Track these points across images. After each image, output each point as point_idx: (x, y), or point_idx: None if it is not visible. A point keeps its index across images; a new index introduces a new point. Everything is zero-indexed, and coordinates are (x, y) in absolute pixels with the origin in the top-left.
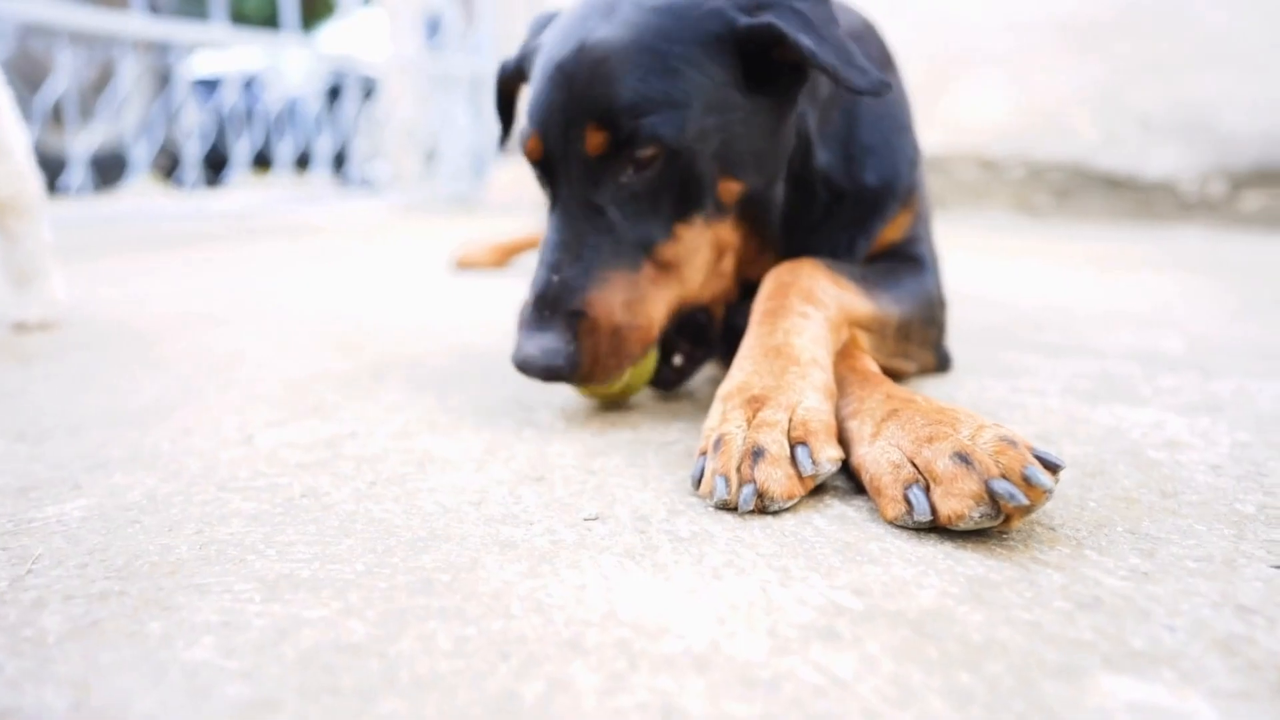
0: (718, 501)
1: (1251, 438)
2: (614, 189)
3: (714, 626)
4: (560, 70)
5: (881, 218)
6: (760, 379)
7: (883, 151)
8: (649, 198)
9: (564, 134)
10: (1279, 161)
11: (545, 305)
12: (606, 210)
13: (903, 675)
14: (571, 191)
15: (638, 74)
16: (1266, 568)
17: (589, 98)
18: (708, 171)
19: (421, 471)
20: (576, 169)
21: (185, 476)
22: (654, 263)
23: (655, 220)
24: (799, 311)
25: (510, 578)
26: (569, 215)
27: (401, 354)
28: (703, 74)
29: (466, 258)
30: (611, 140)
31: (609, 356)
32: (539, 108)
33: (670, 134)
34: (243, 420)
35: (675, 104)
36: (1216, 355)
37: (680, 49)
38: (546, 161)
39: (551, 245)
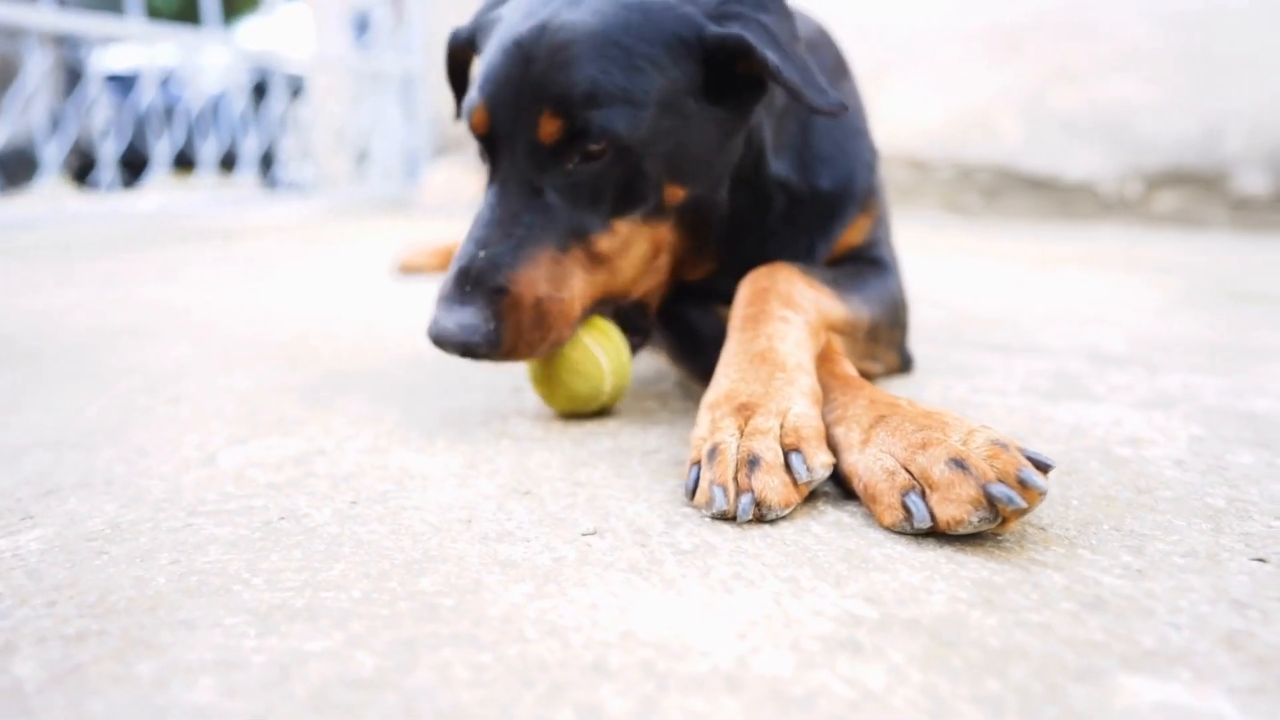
0: (716, 512)
1: (1205, 432)
2: (558, 175)
3: (736, 643)
4: (518, 47)
5: (840, 222)
6: (747, 386)
7: (838, 157)
8: (591, 188)
9: (514, 113)
10: (1189, 164)
11: (468, 280)
12: (546, 193)
13: (932, 685)
14: (513, 170)
15: (599, 65)
16: (1248, 560)
17: (547, 82)
18: (654, 173)
19: (402, 489)
20: (523, 150)
21: (148, 502)
22: (586, 251)
23: (594, 211)
24: (780, 316)
25: (517, 599)
26: (506, 193)
27: (357, 364)
28: (664, 76)
29: (409, 262)
30: (565, 129)
31: (532, 332)
32: (491, 81)
33: (623, 131)
34: (201, 439)
35: (633, 102)
36: (1157, 352)
37: (645, 48)
38: (491, 136)
39: (483, 221)
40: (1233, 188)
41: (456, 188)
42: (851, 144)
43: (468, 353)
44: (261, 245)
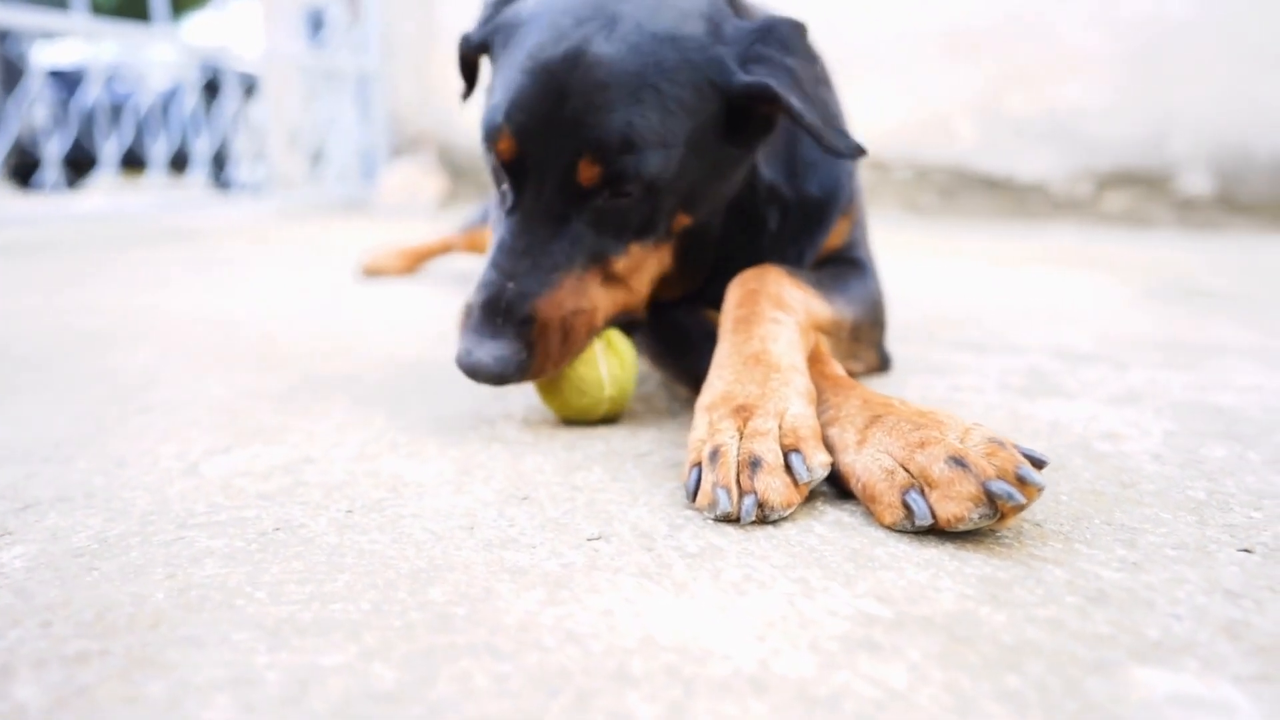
0: (719, 514)
1: (1177, 426)
2: (585, 209)
3: (756, 645)
4: (551, 75)
5: (824, 229)
6: (743, 387)
7: (822, 163)
8: (616, 219)
9: (546, 148)
10: (1136, 165)
11: (498, 312)
12: (573, 224)
13: (953, 682)
14: (540, 201)
15: (636, 109)
16: (1235, 551)
17: (585, 124)
18: (672, 205)
19: (398, 496)
20: (552, 184)
21: (134, 514)
22: (604, 272)
23: (615, 238)
24: (771, 318)
25: (531, 607)
26: (531, 222)
27: (333, 369)
28: (693, 119)
29: (373, 264)
30: (602, 175)
31: (559, 351)
32: (520, 109)
33: (655, 174)
34: (180, 448)
35: (665, 145)
36: (1122, 348)
37: (677, 90)
38: (518, 165)
39: (508, 249)
40: (1177, 188)
41: (414, 189)
42: (831, 164)
43: (500, 380)
44: (218, 247)
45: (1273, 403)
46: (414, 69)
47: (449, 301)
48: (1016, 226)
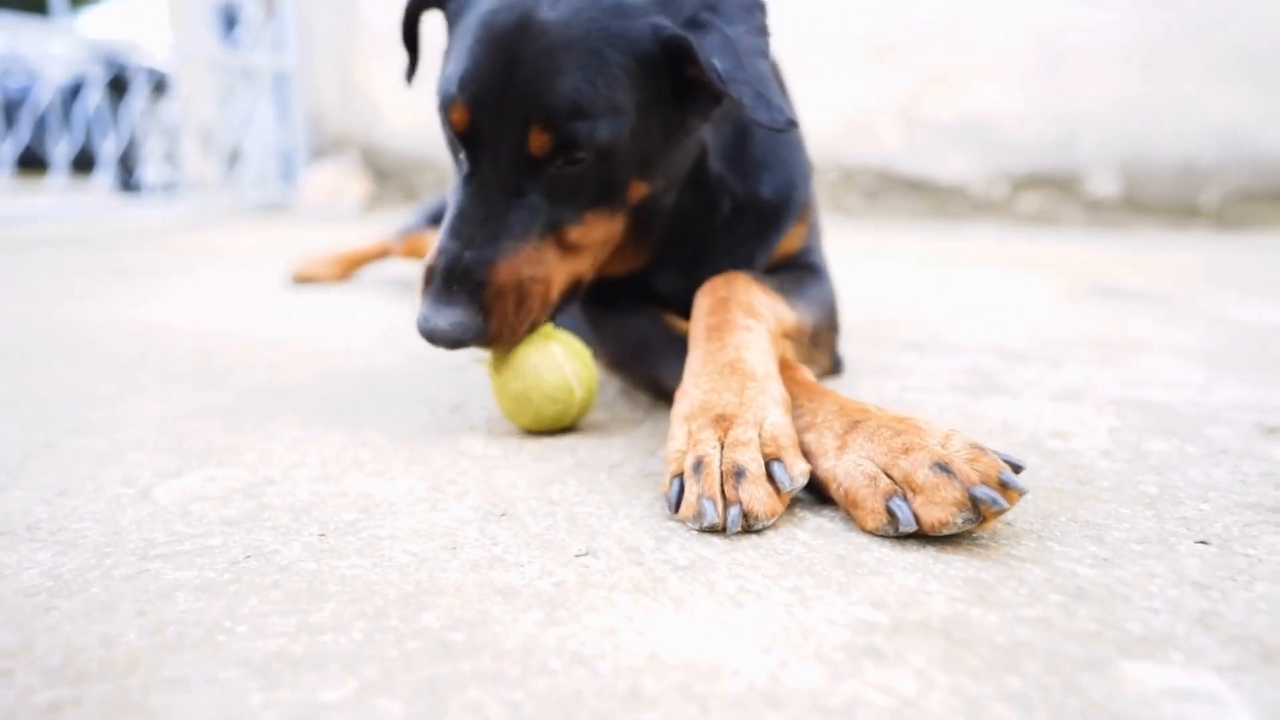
0: (705, 525)
1: (1118, 422)
2: (540, 177)
3: (763, 658)
4: (501, 44)
5: (779, 231)
6: (721, 396)
7: (776, 166)
8: (570, 188)
9: (499, 118)
10: (1047, 168)
11: (454, 278)
12: (528, 193)
13: (959, 687)
14: (494, 170)
15: (584, 75)
16: (1194, 544)
17: (536, 92)
18: (626, 173)
19: (370, 517)
20: (506, 153)
21: (87, 547)
22: (559, 241)
23: (571, 206)
24: (743, 325)
25: (530, 629)
26: (486, 190)
27: (277, 382)
28: (640, 85)
29: (305, 270)
30: (553, 142)
31: (515, 317)
32: (473, 79)
33: (606, 140)
34: (125, 473)
35: (615, 111)
36: (1054, 347)
37: (622, 57)
38: (471, 135)
39: (464, 216)
40: (1086, 190)
41: (337, 192)
42: (789, 154)
43: (457, 345)
44: (130, 254)
45: (1198, 398)
46: (335, 67)
47: (388, 309)
48: (939, 227)
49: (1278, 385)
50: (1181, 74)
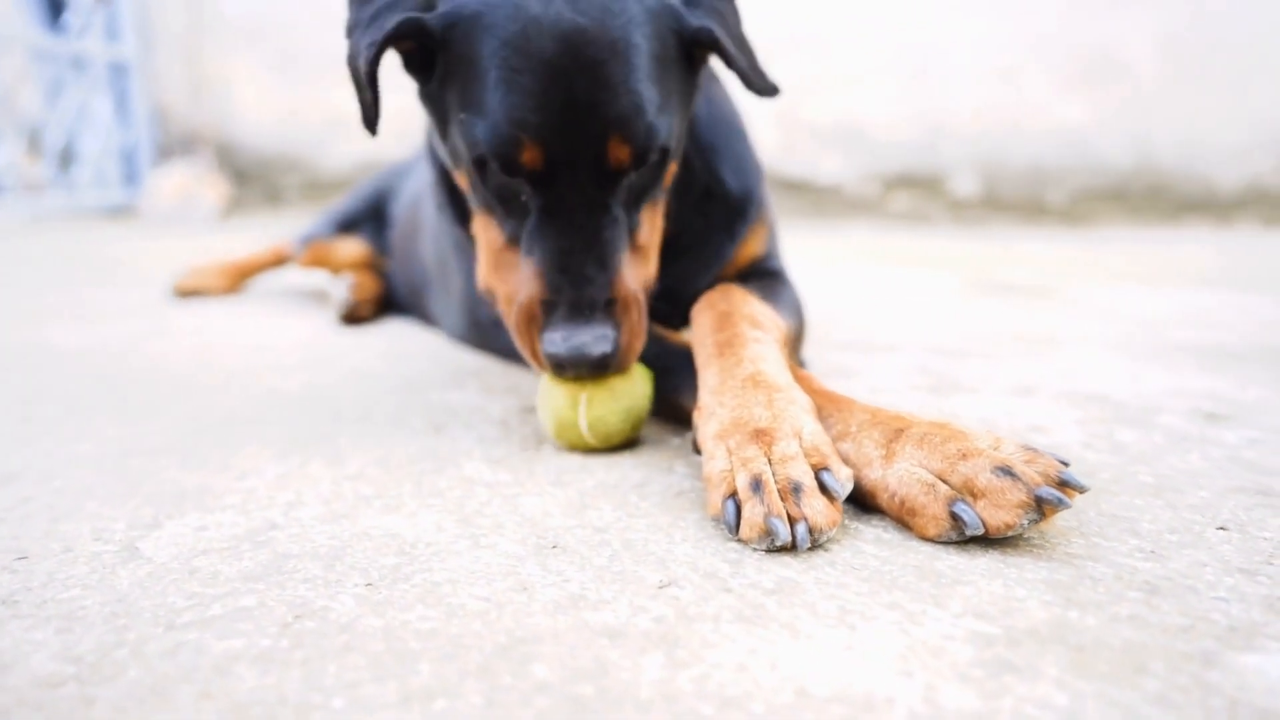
0: (777, 545)
1: (1080, 414)
2: (618, 188)
3: (906, 681)
4: (549, 67)
5: (745, 223)
6: (751, 411)
7: (727, 154)
8: (639, 192)
9: (572, 143)
10: (915, 169)
11: (582, 304)
12: (612, 208)
13: (1104, 693)
14: (578, 195)
15: (638, 76)
16: (1216, 530)
17: (602, 105)
18: (671, 159)
19: (412, 561)
20: (586, 175)
21: (93, 620)
22: (634, 246)
23: (636, 210)
24: (753, 338)
25: (658, 673)
26: (578, 217)
27: (217, 409)
28: (670, 68)
29: (190, 283)
30: (633, 152)
31: (639, 330)
32: (534, 113)
33: (667, 134)
34: (92, 526)
35: (668, 105)
36: (981, 342)
37: (653, 44)
38: (546, 169)
39: (566, 250)
40: (949, 189)
41: (190, 196)
42: (739, 145)
43: (602, 367)
44: None
45: (1134, 388)
46: (182, 58)
47: (299, 324)
48: (818, 225)
49: (1193, 372)
50: (1031, 84)
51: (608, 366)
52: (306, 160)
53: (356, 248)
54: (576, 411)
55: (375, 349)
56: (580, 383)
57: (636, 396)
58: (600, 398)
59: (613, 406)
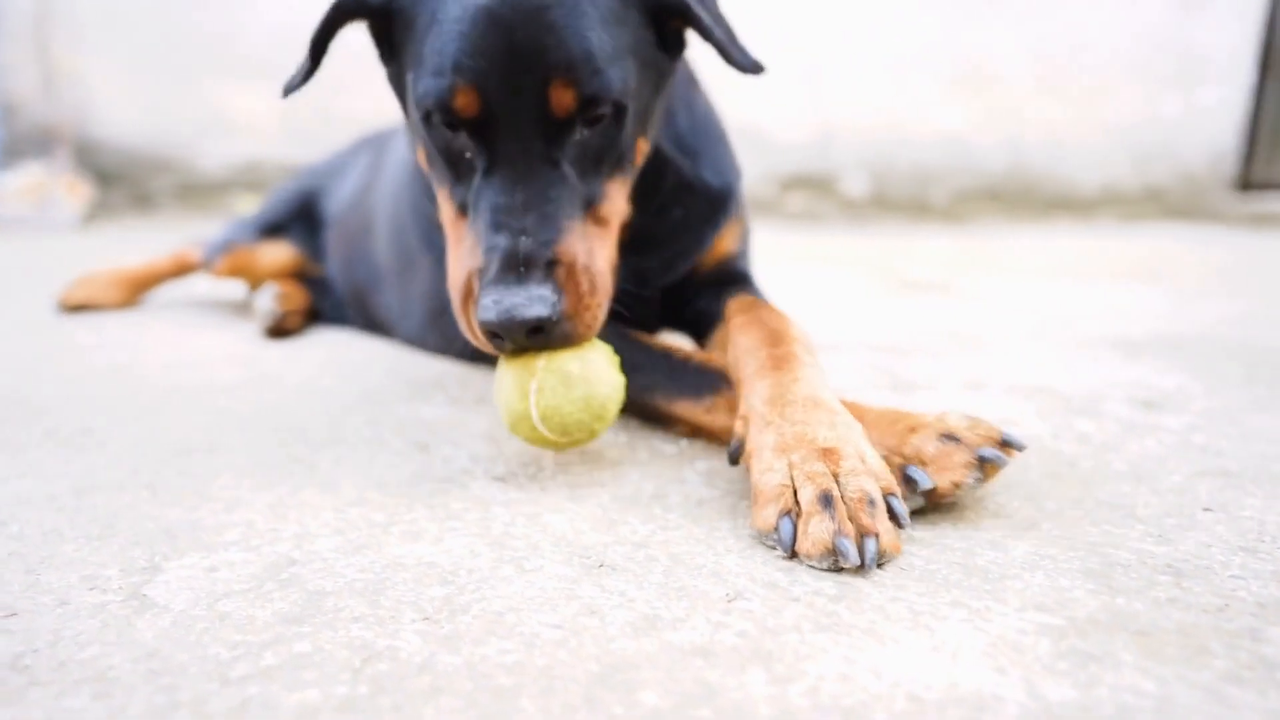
0: (847, 564)
1: (1034, 406)
2: (566, 145)
3: (1002, 678)
4: (490, 17)
5: (725, 215)
6: (815, 429)
7: (708, 156)
8: (593, 155)
9: (512, 89)
10: (808, 170)
11: (518, 261)
12: (561, 166)
13: (1184, 676)
14: (520, 148)
15: (584, 24)
16: (1203, 512)
17: (545, 49)
18: (633, 128)
19: (461, 591)
20: (528, 126)
21: (129, 680)
22: (595, 219)
23: (596, 176)
24: (808, 361)
25: (766, 690)
26: (519, 174)
27: (169, 433)
28: (630, 30)
29: (79, 295)
30: (578, 97)
31: (589, 299)
32: (471, 58)
33: (620, 88)
34: (81, 574)
35: (621, 59)
36: (918, 340)
37: (612, 3)
38: (483, 118)
39: (501, 208)
40: (841, 190)
41: (47, 198)
42: (717, 143)
43: (538, 330)
44: None
45: (1072, 379)
46: (31, 49)
47: (219, 338)
48: None
49: (1116, 364)
50: (916, 91)
51: (549, 334)
52: (180, 160)
53: (284, 253)
54: (527, 402)
55: (315, 362)
56: (527, 365)
57: (596, 384)
58: (551, 385)
59: (567, 395)
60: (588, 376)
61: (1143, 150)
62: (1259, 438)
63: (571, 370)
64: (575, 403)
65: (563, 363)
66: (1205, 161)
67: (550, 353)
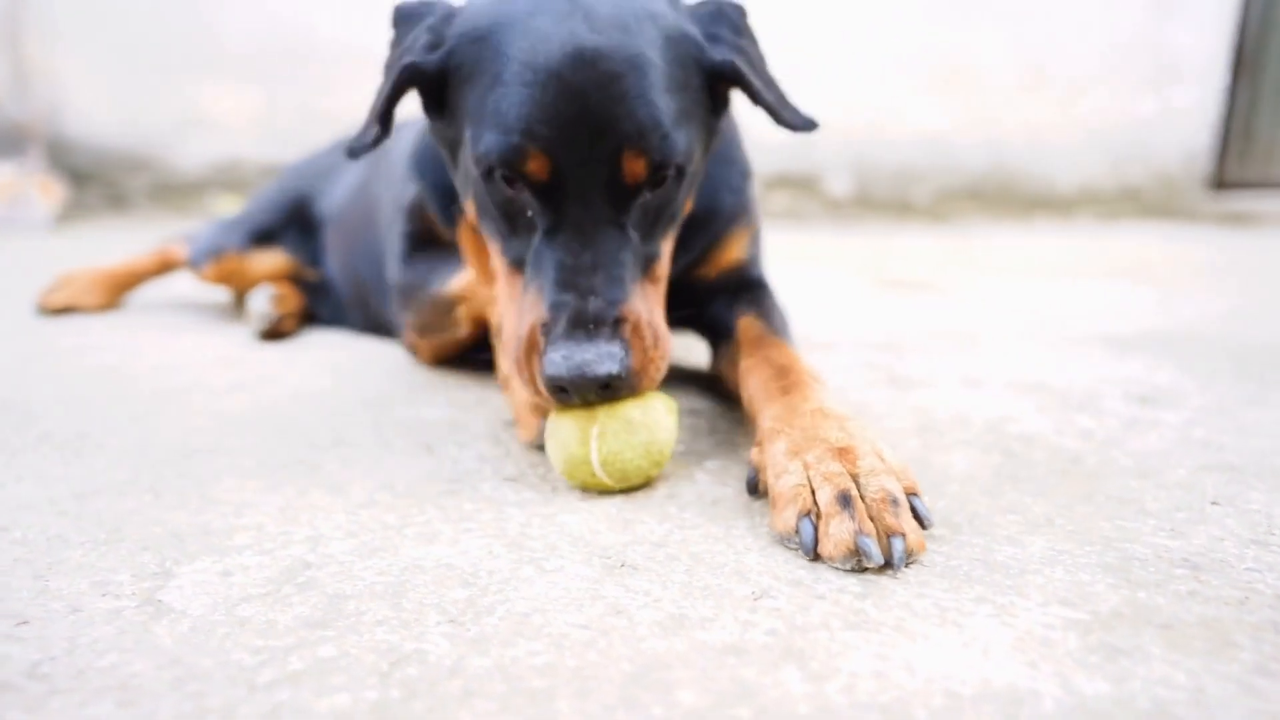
0: (870, 565)
1: (1032, 402)
2: (630, 209)
3: (1033, 673)
4: (561, 80)
5: (728, 225)
6: (826, 432)
7: (723, 175)
8: (653, 215)
9: (583, 155)
10: (793, 169)
11: (586, 320)
12: (626, 229)
13: (1213, 669)
14: (587, 213)
15: (654, 88)
16: (1211, 505)
17: (616, 117)
18: (686, 188)
19: (484, 593)
20: (596, 191)
21: (153, 689)
22: (651, 278)
23: (654, 237)
24: (813, 385)
25: (802, 688)
26: (587, 235)
27: (163, 437)
28: (690, 95)
29: (59, 297)
30: (649, 164)
31: (653, 352)
32: (541, 122)
33: (684, 153)
34: (92, 580)
35: (685, 124)
36: (912, 338)
37: (673, 68)
38: (553, 181)
39: (568, 268)
40: (824, 189)
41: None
42: (718, 169)
43: (607, 386)
44: None
45: (1066, 376)
46: (3, 45)
47: (209, 340)
48: None
49: (1107, 360)
50: (898, 91)
51: (615, 390)
52: (156, 160)
53: (277, 261)
54: (588, 447)
55: (310, 364)
56: (590, 412)
57: (657, 429)
58: (614, 430)
59: (629, 440)
60: (648, 423)
61: (1119, 150)
62: (1257, 432)
63: (633, 417)
64: (636, 449)
65: (625, 409)
66: (1180, 161)
67: (610, 402)
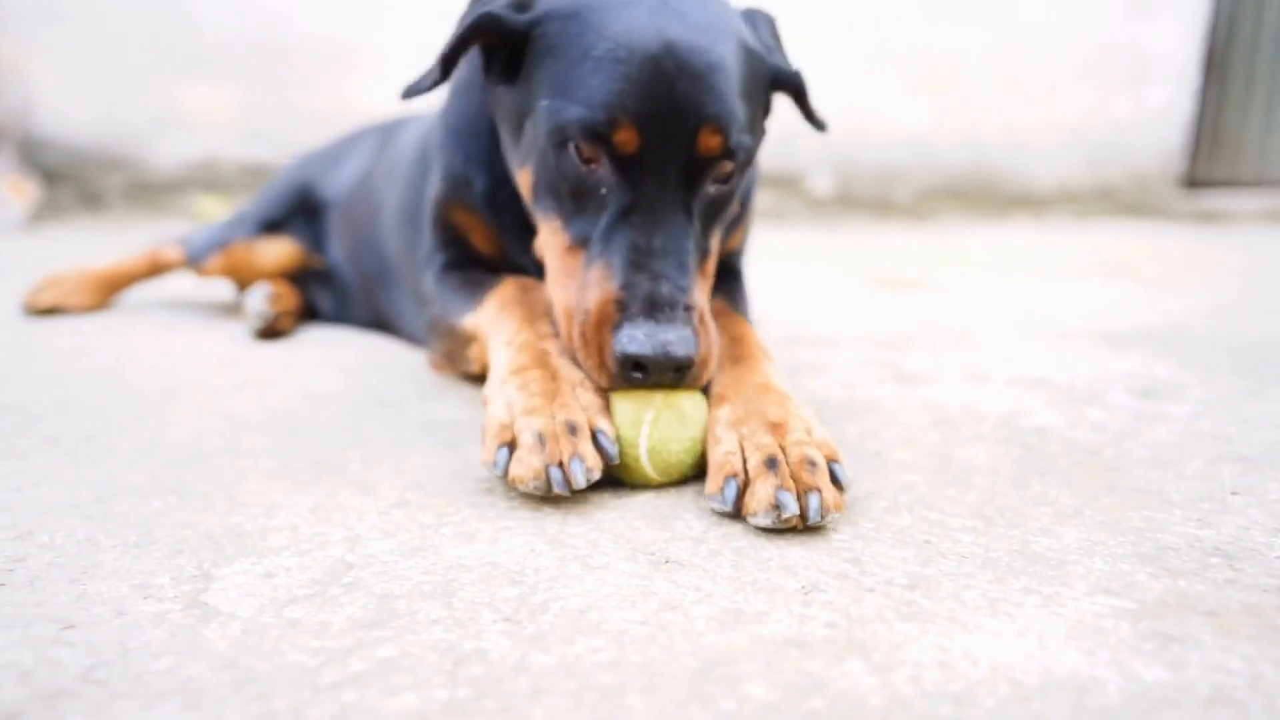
0: (784, 519)
1: (1041, 397)
2: (701, 197)
3: (1090, 660)
4: (655, 65)
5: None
6: (764, 408)
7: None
8: (713, 210)
9: (666, 133)
10: (775, 167)
11: (663, 303)
12: (693, 218)
13: (1265, 654)
14: (665, 194)
15: (738, 90)
16: (1232, 496)
17: (701, 104)
18: (740, 189)
19: (535, 590)
20: (675, 171)
21: (221, 690)
22: (703, 271)
23: (708, 234)
24: (764, 360)
25: (868, 680)
26: (661, 218)
27: (176, 439)
28: (759, 105)
29: (46, 298)
30: (722, 145)
31: (712, 351)
32: (634, 99)
33: (749, 153)
34: (131, 584)
35: (753, 129)
36: (913, 335)
37: (752, 81)
38: (637, 156)
39: (644, 249)
40: (807, 188)
41: None
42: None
43: (683, 368)
44: None
45: (1069, 371)
46: None
47: (205, 340)
48: None
49: (1106, 356)
50: (879, 90)
51: (683, 375)
52: (132, 158)
53: (285, 249)
54: (638, 430)
55: (311, 364)
56: (648, 397)
57: (700, 427)
58: (667, 419)
59: (680, 433)
60: (698, 420)
61: (1095, 149)
62: (1263, 424)
63: (686, 410)
64: (684, 442)
65: (680, 401)
66: (1154, 160)
67: (668, 390)
